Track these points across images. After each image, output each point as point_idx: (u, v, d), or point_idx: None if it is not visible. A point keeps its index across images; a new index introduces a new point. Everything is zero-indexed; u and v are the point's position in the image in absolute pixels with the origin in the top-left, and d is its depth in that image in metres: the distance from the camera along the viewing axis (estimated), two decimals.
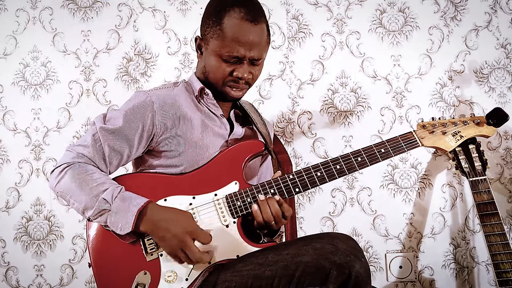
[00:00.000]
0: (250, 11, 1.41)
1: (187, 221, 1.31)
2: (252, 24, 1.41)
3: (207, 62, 1.48)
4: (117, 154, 1.42)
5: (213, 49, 1.44)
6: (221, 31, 1.41)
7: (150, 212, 1.30)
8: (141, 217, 1.29)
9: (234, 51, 1.41)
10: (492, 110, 1.50)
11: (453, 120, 1.52)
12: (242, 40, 1.40)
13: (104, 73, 2.27)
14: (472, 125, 1.52)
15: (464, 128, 1.51)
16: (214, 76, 1.47)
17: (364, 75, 2.19)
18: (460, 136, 1.50)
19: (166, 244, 1.28)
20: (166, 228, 1.28)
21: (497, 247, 1.78)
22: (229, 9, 1.41)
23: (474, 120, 1.51)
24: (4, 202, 2.25)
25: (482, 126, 1.51)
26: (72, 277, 2.22)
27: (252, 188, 1.39)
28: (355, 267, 1.16)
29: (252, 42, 1.41)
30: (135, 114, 1.43)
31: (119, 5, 2.28)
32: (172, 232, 1.27)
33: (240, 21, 1.40)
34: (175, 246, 1.27)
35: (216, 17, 1.43)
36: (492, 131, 1.52)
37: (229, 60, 1.43)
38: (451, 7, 2.18)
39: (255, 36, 1.42)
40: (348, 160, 1.42)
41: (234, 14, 1.40)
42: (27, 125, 2.27)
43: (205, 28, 1.47)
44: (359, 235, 2.15)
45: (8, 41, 2.31)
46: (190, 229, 1.29)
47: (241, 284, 1.25)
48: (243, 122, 1.64)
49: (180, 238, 1.27)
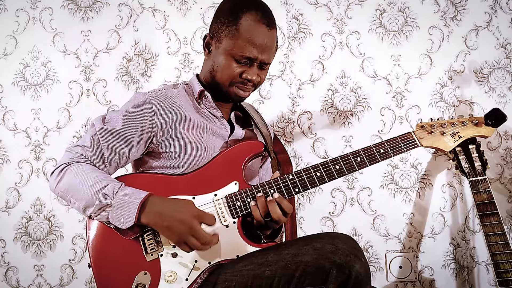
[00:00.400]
0: (266, 16, 1.45)
1: (190, 207, 1.32)
2: (268, 28, 1.44)
3: (216, 60, 1.48)
4: (116, 155, 1.42)
5: (226, 48, 1.44)
6: (236, 31, 1.42)
7: (152, 204, 1.30)
8: (143, 210, 1.29)
9: (247, 52, 1.42)
10: (491, 110, 1.50)
11: (451, 121, 1.53)
12: (256, 42, 1.42)
13: (104, 73, 2.27)
14: (471, 126, 1.53)
15: (463, 128, 1.52)
16: (222, 75, 1.47)
17: (364, 75, 2.19)
18: (459, 137, 1.51)
19: (173, 232, 1.28)
20: (171, 216, 1.28)
21: (497, 247, 1.78)
22: (247, 10, 1.43)
23: (473, 121, 1.52)
24: (4, 202, 2.25)
25: (481, 127, 1.52)
26: (72, 277, 2.22)
27: (252, 188, 1.39)
28: (355, 267, 1.16)
29: (265, 46, 1.44)
30: (135, 115, 1.43)
31: (119, 5, 2.28)
32: (178, 219, 1.28)
33: (257, 23, 1.42)
34: (184, 232, 1.27)
35: (232, 16, 1.44)
36: (491, 132, 1.53)
37: (240, 60, 1.44)
38: (451, 7, 2.18)
39: (268, 40, 1.44)
40: (348, 161, 1.42)
41: (251, 17, 1.42)
42: (27, 125, 2.27)
43: (219, 27, 1.47)
44: (359, 235, 2.15)
45: (8, 41, 2.31)
46: (195, 213, 1.30)
47: (241, 284, 1.25)
48: (244, 123, 1.64)
49: (187, 224, 1.27)
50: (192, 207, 1.32)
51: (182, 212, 1.29)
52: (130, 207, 1.28)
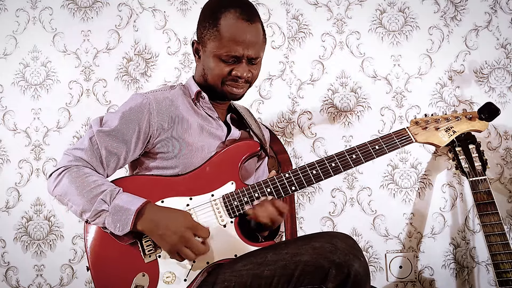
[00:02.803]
0: (245, 11, 1.44)
1: (186, 218, 1.32)
2: (248, 23, 1.43)
3: (205, 64, 1.49)
4: (114, 157, 1.42)
5: (211, 51, 1.45)
6: (218, 32, 1.42)
7: (149, 212, 1.30)
8: (139, 217, 1.29)
9: (232, 51, 1.42)
10: (484, 104, 1.51)
11: (445, 116, 1.54)
12: (239, 39, 1.41)
13: (104, 73, 2.27)
14: (465, 120, 1.54)
15: (457, 123, 1.53)
16: (213, 77, 1.47)
17: (364, 75, 2.19)
18: (453, 132, 1.52)
19: (167, 242, 1.28)
20: (166, 226, 1.28)
21: (497, 247, 1.78)
22: (224, 10, 1.43)
23: (466, 115, 1.53)
24: (4, 202, 2.26)
25: (475, 121, 1.53)
26: (72, 277, 2.22)
27: (248, 187, 1.40)
28: (354, 266, 1.16)
29: (249, 41, 1.43)
30: (132, 116, 1.43)
31: (119, 5, 2.28)
32: (172, 229, 1.28)
33: (236, 21, 1.42)
34: (177, 243, 1.27)
35: (211, 19, 1.45)
36: (484, 126, 1.54)
37: (227, 60, 1.44)
38: (451, 7, 2.18)
39: (251, 35, 1.43)
40: (343, 158, 1.43)
41: (229, 15, 1.42)
42: (27, 125, 2.27)
43: (202, 31, 1.48)
44: (359, 235, 2.15)
45: (8, 41, 2.31)
46: (189, 225, 1.30)
47: (240, 283, 1.25)
48: (239, 125, 1.64)
49: (181, 234, 1.27)
50: (187, 218, 1.32)
51: (177, 222, 1.29)
52: (126, 214, 1.28)
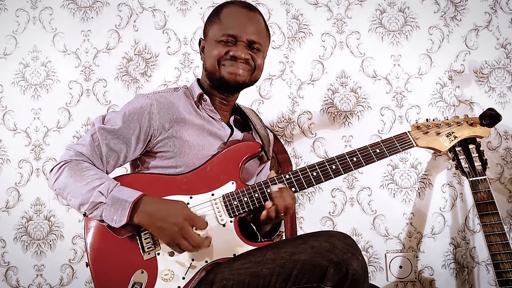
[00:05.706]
0: (246, 5, 1.53)
1: (183, 209, 1.32)
2: (247, 10, 1.51)
3: (207, 54, 1.53)
4: (114, 154, 1.43)
5: (212, 38, 1.50)
6: (218, 19, 1.50)
7: (145, 204, 1.31)
8: (135, 209, 1.29)
9: (229, 30, 1.46)
10: (485, 110, 1.52)
11: (447, 121, 1.55)
12: (237, 21, 1.48)
13: (104, 73, 2.27)
14: (466, 126, 1.54)
15: (458, 128, 1.53)
16: (211, 60, 1.50)
17: (364, 75, 2.19)
18: (454, 137, 1.53)
19: (165, 233, 1.29)
20: (163, 217, 1.29)
21: (497, 247, 1.77)
22: (227, 4, 1.52)
23: (468, 121, 1.54)
24: (4, 202, 2.26)
25: (476, 127, 1.54)
26: (72, 277, 2.22)
27: (248, 187, 1.40)
28: (352, 265, 1.17)
29: (247, 23, 1.48)
30: (134, 115, 1.45)
31: (119, 5, 2.28)
32: (169, 221, 1.28)
33: (236, 8, 1.51)
34: (175, 234, 1.28)
35: (215, 14, 1.53)
36: (486, 132, 1.54)
37: (226, 41, 1.47)
38: (451, 7, 2.18)
39: (250, 19, 1.50)
40: (344, 160, 1.44)
41: (231, 6, 1.51)
42: (27, 125, 2.28)
43: (206, 27, 1.55)
44: (359, 235, 2.15)
45: (8, 41, 2.31)
46: (187, 216, 1.30)
47: (238, 282, 1.25)
48: (243, 127, 1.64)
49: (179, 226, 1.28)
50: (185, 209, 1.33)
51: (174, 214, 1.30)
52: (123, 206, 1.29)
